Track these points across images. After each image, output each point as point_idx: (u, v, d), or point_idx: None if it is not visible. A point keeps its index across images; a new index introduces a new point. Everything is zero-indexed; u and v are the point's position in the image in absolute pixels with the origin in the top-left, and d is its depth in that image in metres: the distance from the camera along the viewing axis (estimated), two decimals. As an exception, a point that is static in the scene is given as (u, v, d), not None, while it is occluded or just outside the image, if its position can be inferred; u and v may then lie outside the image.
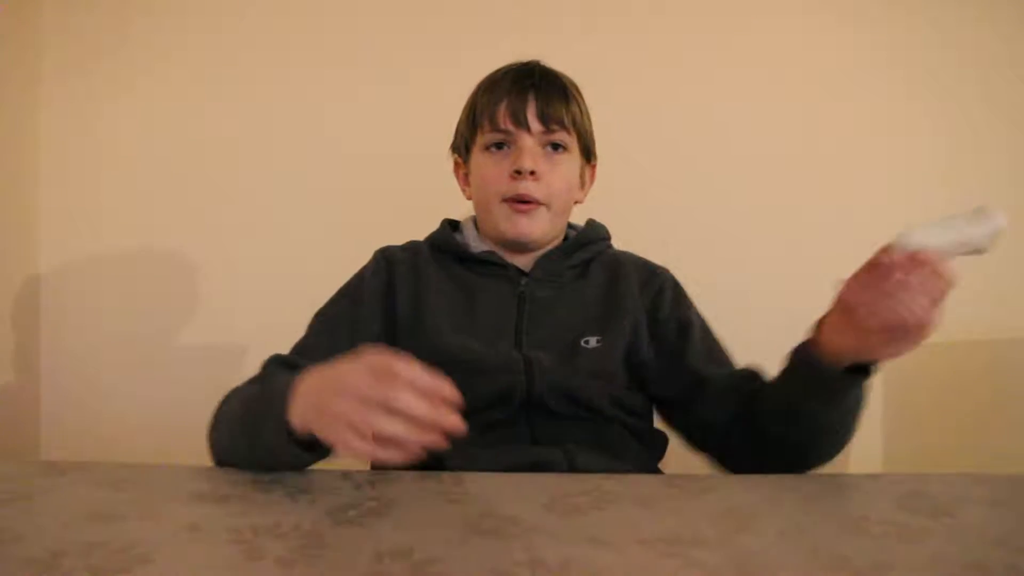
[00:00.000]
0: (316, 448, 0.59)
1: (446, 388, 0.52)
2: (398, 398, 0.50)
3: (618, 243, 0.97)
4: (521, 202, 0.82)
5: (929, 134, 1.43)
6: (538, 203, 0.82)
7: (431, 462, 0.73)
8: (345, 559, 0.44)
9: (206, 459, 0.70)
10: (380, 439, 0.51)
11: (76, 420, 1.41)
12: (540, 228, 0.84)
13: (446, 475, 0.63)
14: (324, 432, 0.55)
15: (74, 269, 1.42)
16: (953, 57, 1.42)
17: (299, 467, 0.62)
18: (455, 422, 0.51)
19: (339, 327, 0.81)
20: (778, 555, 0.46)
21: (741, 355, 0.90)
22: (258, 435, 0.61)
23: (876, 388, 1.40)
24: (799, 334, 1.38)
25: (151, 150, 1.42)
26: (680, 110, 1.43)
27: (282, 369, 0.74)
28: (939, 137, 1.43)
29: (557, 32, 1.41)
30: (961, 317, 1.40)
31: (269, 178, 1.42)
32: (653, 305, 0.85)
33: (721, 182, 1.43)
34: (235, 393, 0.72)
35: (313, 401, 0.57)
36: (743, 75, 1.43)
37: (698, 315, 0.88)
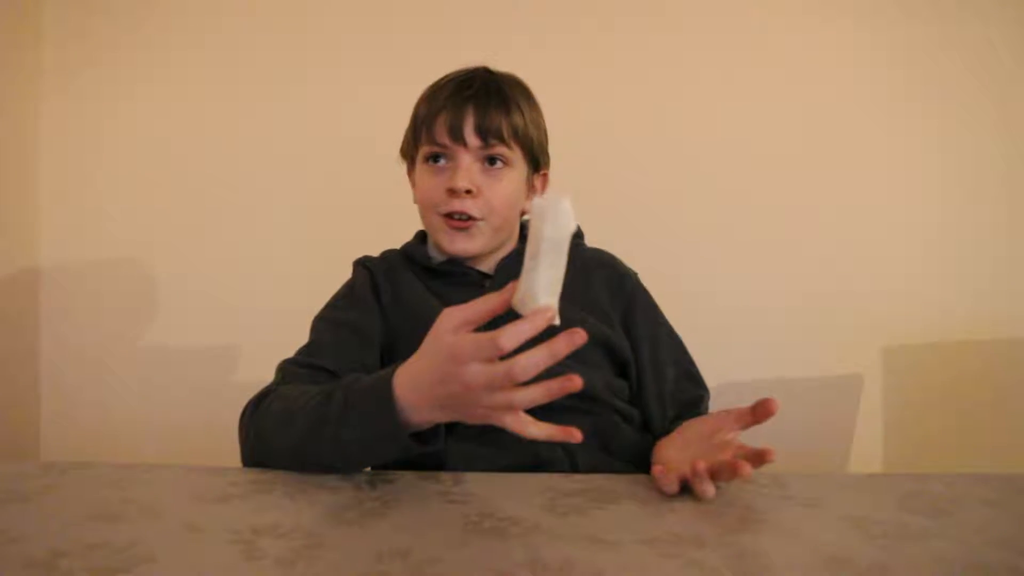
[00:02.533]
0: (425, 438, 0.58)
1: (547, 315, 0.50)
2: (521, 372, 0.50)
3: (615, 243, 0.96)
4: (457, 219, 0.81)
5: (929, 134, 1.43)
6: (474, 220, 0.81)
7: (431, 462, 0.73)
8: (345, 559, 0.44)
9: (206, 459, 0.70)
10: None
11: (76, 420, 1.41)
12: (478, 244, 0.83)
13: (446, 475, 0.63)
14: (481, 419, 0.55)
15: (74, 270, 1.42)
16: (953, 57, 1.42)
17: (395, 459, 0.61)
18: (572, 340, 0.50)
19: (344, 329, 0.81)
20: (778, 555, 0.46)
21: (739, 355, 0.90)
22: (355, 429, 0.59)
23: (876, 388, 1.41)
24: (797, 332, 1.39)
25: (151, 151, 1.42)
26: (679, 110, 1.43)
27: (314, 373, 0.75)
28: (939, 137, 1.43)
29: (556, 32, 1.41)
30: (961, 317, 1.41)
31: (269, 180, 1.42)
32: (625, 316, 0.87)
33: (720, 182, 1.43)
34: (282, 397, 0.68)
35: (448, 397, 0.54)
36: (743, 75, 1.43)
37: (664, 325, 0.89)
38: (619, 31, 1.42)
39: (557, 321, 0.51)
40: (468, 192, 0.79)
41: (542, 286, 0.51)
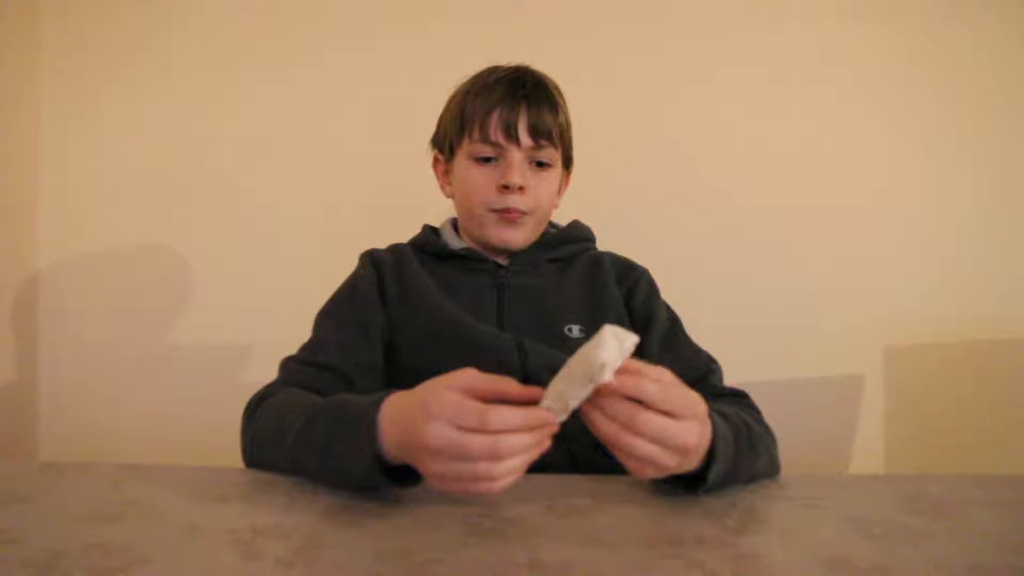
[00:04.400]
0: (406, 478, 0.55)
1: (549, 426, 0.49)
2: (503, 449, 0.47)
3: (616, 244, 0.97)
4: (508, 211, 0.83)
5: (930, 133, 1.43)
6: (524, 214, 0.84)
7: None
8: (345, 559, 0.44)
9: (206, 459, 0.70)
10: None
11: (75, 421, 1.41)
12: (524, 236, 0.86)
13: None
14: (436, 485, 0.51)
15: (73, 269, 1.42)
16: (954, 56, 1.42)
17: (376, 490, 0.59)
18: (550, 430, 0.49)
19: (347, 324, 0.81)
20: (778, 555, 0.46)
21: (740, 355, 0.90)
22: (336, 460, 0.57)
23: (877, 388, 1.41)
24: (797, 332, 1.39)
25: (151, 150, 1.42)
26: (678, 110, 1.43)
27: (317, 371, 0.75)
28: (940, 137, 1.43)
29: (555, 32, 1.41)
30: (962, 317, 1.41)
31: (269, 178, 1.42)
32: (628, 296, 0.87)
33: (720, 182, 1.42)
34: (277, 406, 0.67)
35: (408, 445, 0.52)
36: (742, 75, 1.43)
37: (667, 313, 0.88)
38: (619, 31, 1.42)
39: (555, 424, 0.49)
40: (520, 188, 0.82)
41: (571, 401, 0.49)
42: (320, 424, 0.59)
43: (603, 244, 0.97)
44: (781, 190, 1.42)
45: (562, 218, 0.97)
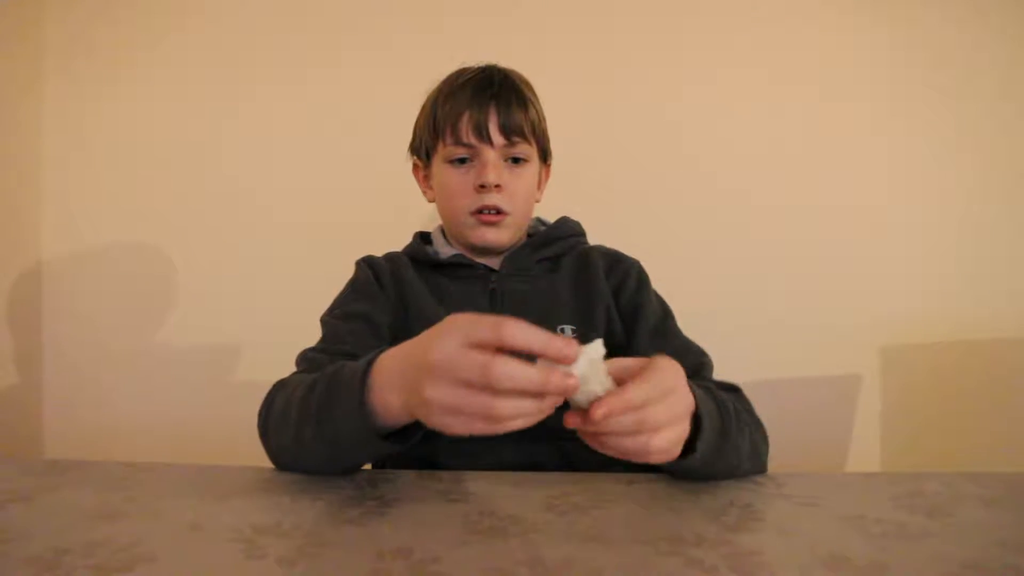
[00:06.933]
0: (399, 436, 0.55)
1: (555, 343, 0.45)
2: (504, 377, 0.43)
3: (616, 243, 0.97)
4: (488, 213, 0.83)
5: (929, 133, 1.43)
6: (504, 213, 0.84)
7: (427, 461, 0.73)
8: (345, 558, 0.45)
9: (207, 457, 0.70)
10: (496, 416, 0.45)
11: (78, 419, 1.42)
12: (506, 236, 0.86)
13: (446, 474, 0.64)
14: (428, 420, 0.48)
15: (76, 269, 1.42)
16: (953, 56, 1.42)
17: (377, 458, 0.57)
18: (566, 382, 0.45)
19: (357, 320, 0.81)
20: (778, 555, 0.46)
21: (738, 354, 0.90)
22: (331, 426, 0.56)
23: (874, 387, 1.41)
24: (796, 332, 1.40)
25: (152, 150, 1.42)
26: (679, 110, 1.43)
27: (334, 359, 0.73)
28: (939, 136, 1.43)
29: (558, 33, 1.41)
30: (961, 317, 1.41)
31: (270, 178, 1.42)
32: (617, 289, 0.87)
33: (720, 182, 1.43)
34: (287, 389, 0.66)
35: (406, 381, 0.50)
36: (743, 74, 1.43)
37: (658, 304, 0.87)
38: (619, 31, 1.42)
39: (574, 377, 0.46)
40: (497, 187, 0.82)
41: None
42: (315, 393, 0.59)
43: (603, 243, 0.97)
44: (780, 189, 1.43)
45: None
